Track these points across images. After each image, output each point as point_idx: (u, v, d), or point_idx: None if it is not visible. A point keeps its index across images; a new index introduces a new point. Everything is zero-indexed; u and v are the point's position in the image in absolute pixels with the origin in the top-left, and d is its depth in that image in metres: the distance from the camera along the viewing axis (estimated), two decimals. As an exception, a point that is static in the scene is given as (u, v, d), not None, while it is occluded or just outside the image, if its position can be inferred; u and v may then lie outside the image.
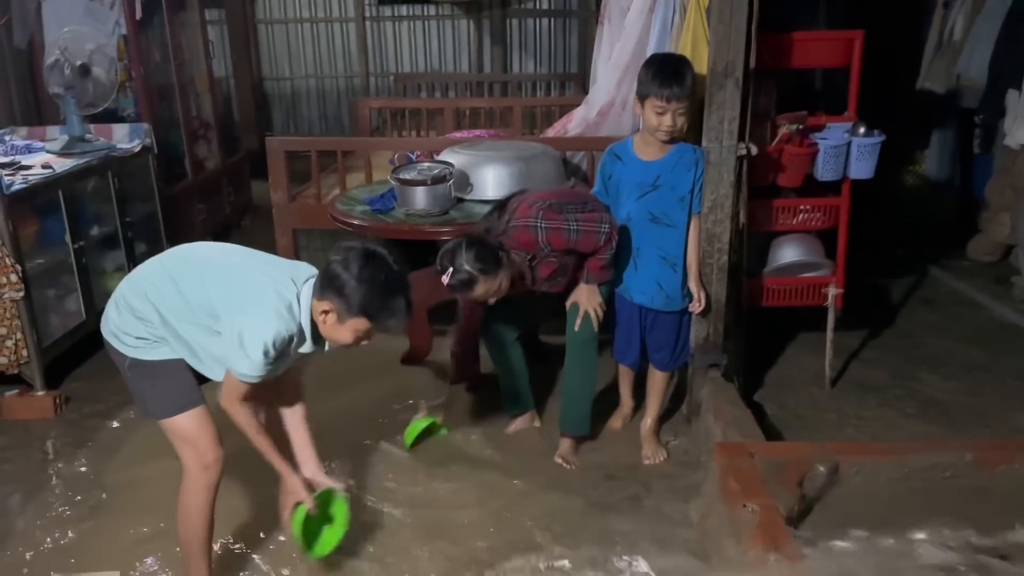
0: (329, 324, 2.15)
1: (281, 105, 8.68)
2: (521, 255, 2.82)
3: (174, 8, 5.47)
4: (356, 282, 2.09)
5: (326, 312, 2.14)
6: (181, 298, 2.18)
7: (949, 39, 5.45)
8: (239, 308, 2.12)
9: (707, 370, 3.21)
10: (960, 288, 4.78)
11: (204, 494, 2.26)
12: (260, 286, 2.15)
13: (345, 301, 2.10)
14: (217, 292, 2.16)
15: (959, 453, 2.55)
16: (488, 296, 2.76)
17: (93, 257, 4.05)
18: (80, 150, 4.12)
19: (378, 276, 2.11)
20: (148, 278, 2.26)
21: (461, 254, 2.66)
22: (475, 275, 2.66)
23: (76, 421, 3.49)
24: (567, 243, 2.79)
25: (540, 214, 2.77)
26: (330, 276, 2.12)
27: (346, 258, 2.12)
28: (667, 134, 2.84)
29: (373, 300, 2.10)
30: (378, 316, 2.13)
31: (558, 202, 2.83)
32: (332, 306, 2.12)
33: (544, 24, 8.25)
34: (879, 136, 3.31)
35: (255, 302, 2.12)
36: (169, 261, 2.28)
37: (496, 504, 2.83)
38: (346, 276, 2.09)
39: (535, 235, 2.77)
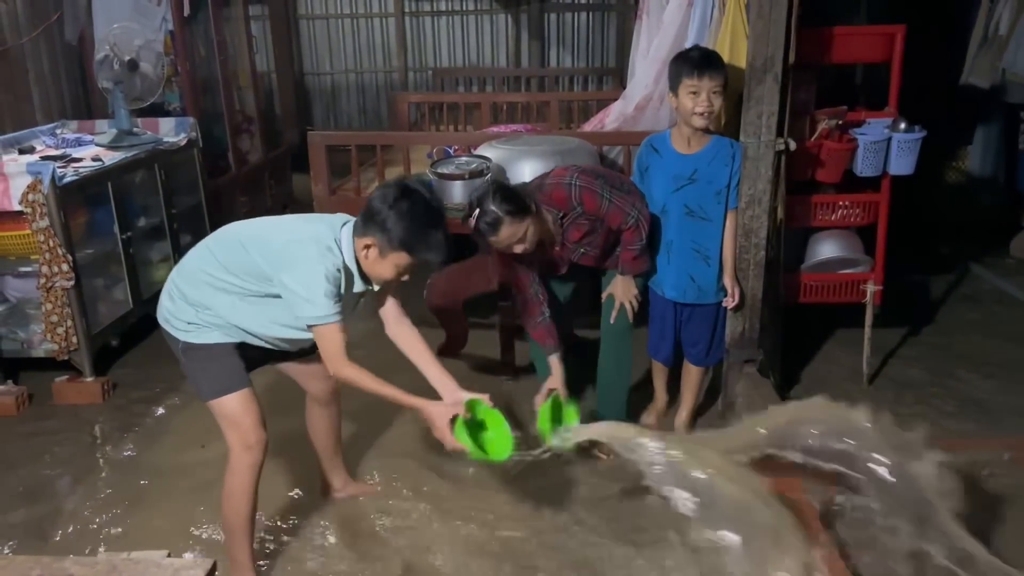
0: (371, 259, 2.24)
1: (321, 99, 8.79)
2: (553, 212, 2.83)
3: (219, 4, 5.57)
4: (396, 216, 2.17)
5: (368, 247, 2.22)
6: (231, 275, 2.27)
7: (995, 33, 5.34)
8: (283, 263, 2.20)
9: (742, 366, 3.21)
10: (1002, 286, 4.70)
11: (248, 474, 2.33)
12: (296, 237, 2.24)
13: (386, 235, 2.18)
14: (260, 255, 2.24)
15: (997, 451, 2.53)
16: (513, 242, 2.69)
17: (140, 247, 4.17)
18: (128, 143, 4.23)
19: (417, 210, 2.19)
20: (194, 261, 2.35)
21: (489, 196, 2.65)
22: (501, 216, 2.62)
23: (123, 407, 3.60)
24: (598, 207, 2.80)
25: (576, 174, 2.81)
26: (370, 212, 2.21)
27: (385, 194, 2.20)
28: (703, 117, 2.82)
29: (412, 233, 2.18)
30: (417, 249, 2.21)
31: (595, 171, 2.87)
32: (374, 240, 2.20)
33: (582, 18, 8.24)
34: (920, 132, 3.28)
35: (296, 252, 2.20)
36: (212, 242, 2.37)
37: (528, 494, 2.87)
38: (386, 211, 2.18)
39: (568, 191, 2.79)
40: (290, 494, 2.90)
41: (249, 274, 2.25)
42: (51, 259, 3.46)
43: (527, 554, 2.58)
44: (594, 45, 8.31)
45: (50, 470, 3.14)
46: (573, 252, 2.95)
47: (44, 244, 3.45)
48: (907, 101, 3.42)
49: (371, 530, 2.71)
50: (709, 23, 3.52)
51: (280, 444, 2.89)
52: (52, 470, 3.14)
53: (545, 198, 2.81)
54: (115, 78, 4.22)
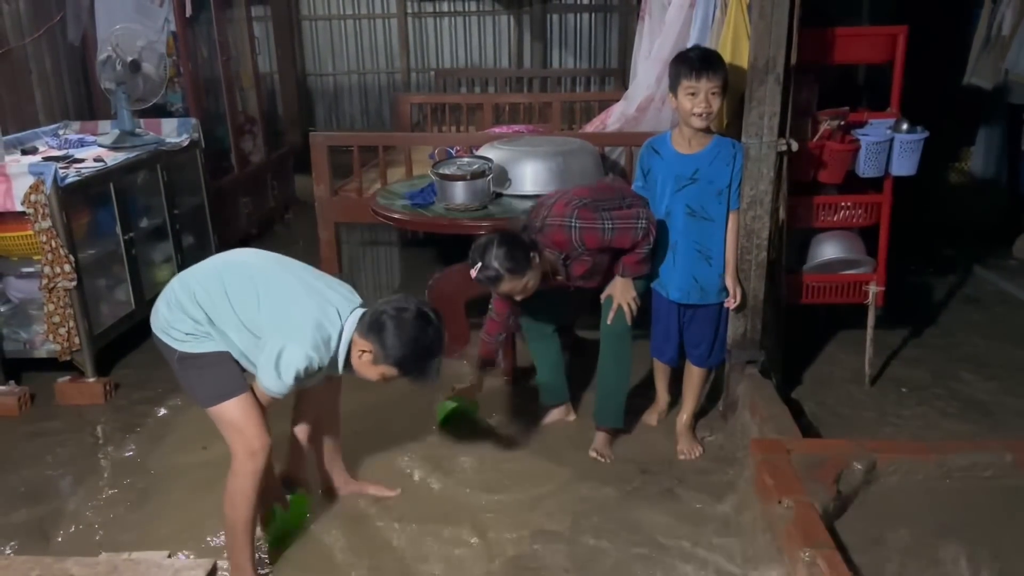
0: (363, 361, 2.31)
1: (324, 100, 8.81)
2: (555, 253, 2.85)
3: (221, 5, 5.58)
4: (401, 340, 2.24)
5: (364, 351, 2.29)
6: (230, 308, 2.29)
7: (998, 34, 5.33)
8: (283, 332, 2.24)
9: (744, 366, 3.20)
10: (1005, 287, 4.69)
11: (251, 479, 2.32)
12: (306, 315, 2.27)
13: (384, 351, 2.26)
14: (267, 312, 2.28)
15: (999, 453, 2.52)
16: (515, 293, 2.80)
17: (142, 248, 4.17)
18: (130, 144, 4.23)
19: (423, 340, 2.27)
20: (201, 282, 2.35)
21: (492, 250, 2.70)
22: (502, 273, 2.70)
23: (125, 407, 3.60)
24: (601, 242, 2.81)
25: (575, 213, 2.78)
26: (379, 324, 2.26)
27: (399, 314, 2.26)
28: (702, 118, 2.82)
29: (411, 359, 2.27)
30: (410, 372, 2.30)
31: (594, 200, 2.84)
32: (371, 348, 2.27)
33: (585, 19, 8.25)
34: (922, 133, 3.27)
35: (299, 330, 2.24)
36: (224, 268, 2.38)
37: (529, 495, 2.87)
38: (394, 331, 2.24)
39: (569, 235, 2.79)
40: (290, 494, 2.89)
41: (247, 319, 2.29)
42: (53, 260, 3.47)
43: (528, 554, 2.58)
44: (596, 46, 8.32)
45: (52, 470, 3.14)
46: (577, 281, 2.98)
47: (46, 245, 3.45)
48: (909, 102, 3.41)
49: (372, 529, 2.71)
50: (711, 24, 3.52)
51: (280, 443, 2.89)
52: (54, 470, 3.14)
53: (547, 240, 2.82)
54: (117, 79, 4.23)
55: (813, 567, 2.06)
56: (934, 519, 2.42)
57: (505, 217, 3.39)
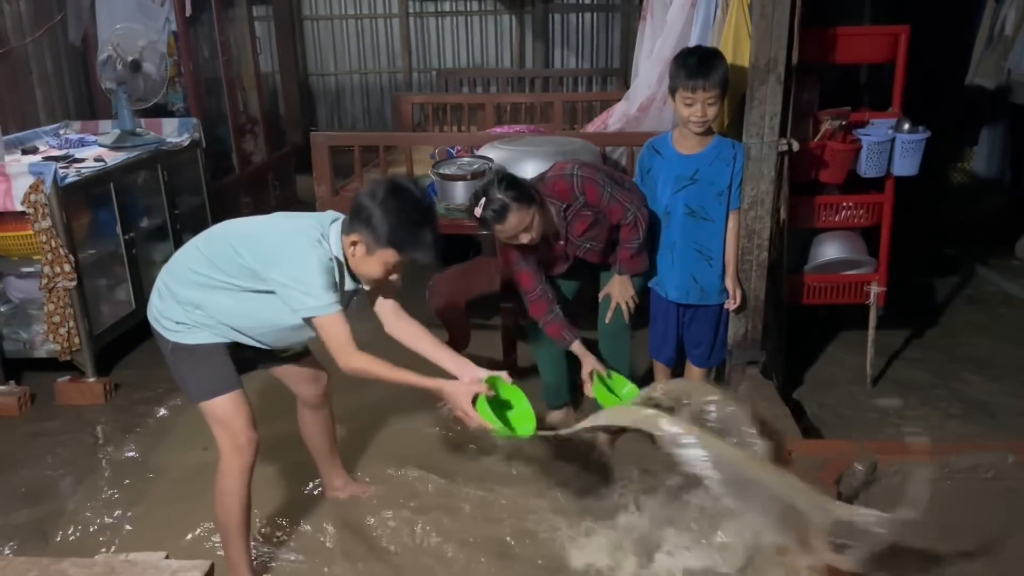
0: (359, 256, 2.22)
1: (325, 100, 8.80)
2: (556, 204, 2.84)
3: (222, 5, 5.57)
4: (383, 212, 2.14)
5: (355, 244, 2.20)
6: (222, 272, 2.25)
7: (1000, 34, 5.32)
8: (274, 259, 2.18)
9: (745, 367, 3.20)
10: (1008, 288, 4.68)
11: (239, 477, 2.31)
12: (284, 233, 2.23)
13: (372, 232, 2.16)
14: (248, 253, 2.22)
15: (1001, 454, 2.51)
16: (520, 230, 2.69)
17: (143, 248, 4.17)
18: (131, 144, 4.23)
19: (404, 206, 2.16)
20: (182, 261, 2.34)
21: (494, 185, 2.66)
22: (508, 203, 2.63)
23: (125, 407, 3.60)
24: (600, 198, 2.80)
25: (577, 166, 2.83)
26: (358, 208, 2.18)
27: (373, 191, 2.18)
28: (698, 125, 2.83)
29: (400, 230, 2.15)
30: (405, 246, 2.18)
31: (596, 165, 2.89)
32: (360, 237, 2.18)
33: (587, 19, 8.24)
34: (924, 132, 3.26)
35: (285, 246, 2.19)
36: (201, 243, 2.36)
37: (528, 495, 2.86)
38: (373, 207, 2.15)
39: (570, 182, 2.80)
40: (289, 495, 2.89)
41: (239, 272, 2.23)
42: (53, 260, 3.47)
43: (528, 554, 2.57)
44: (598, 46, 8.31)
45: (52, 471, 3.14)
46: (578, 247, 2.94)
47: (46, 245, 3.45)
48: (912, 102, 3.41)
49: (371, 530, 2.70)
50: (712, 23, 3.50)
51: (278, 445, 2.88)
52: (54, 471, 3.14)
53: (548, 190, 2.82)
54: (118, 79, 4.23)
55: (814, 569, 2.05)
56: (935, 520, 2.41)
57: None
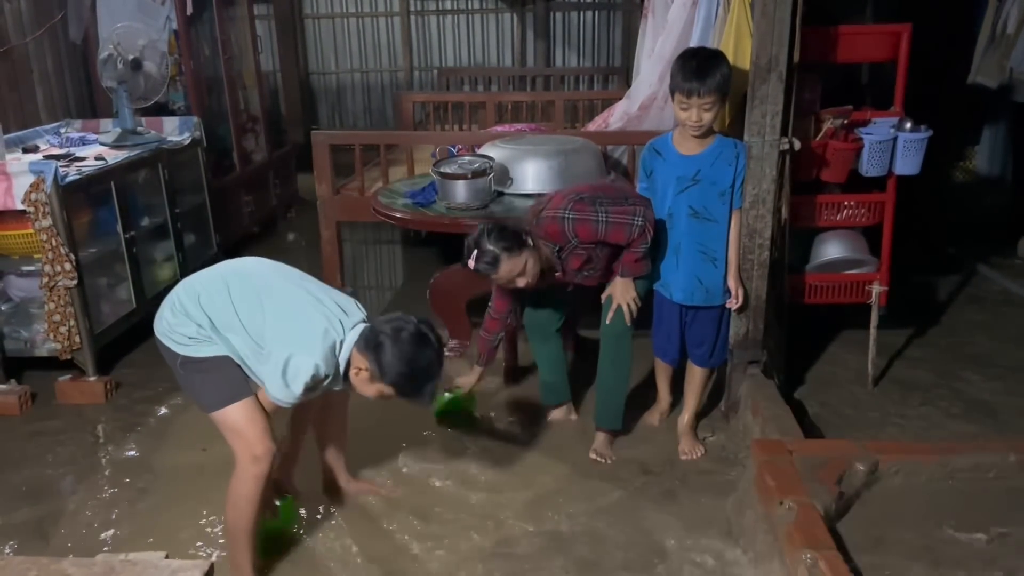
0: (360, 379, 2.29)
1: (327, 99, 8.80)
2: (549, 246, 2.84)
3: (223, 3, 5.57)
4: (399, 361, 2.21)
5: (361, 368, 2.26)
6: (235, 315, 2.27)
7: (1002, 32, 5.30)
8: (290, 341, 2.22)
9: (746, 366, 3.19)
10: (1010, 287, 4.67)
11: (253, 484, 2.31)
12: (313, 324, 2.25)
13: (382, 370, 2.23)
14: (272, 320, 2.26)
15: (1003, 454, 2.50)
16: (514, 277, 2.76)
17: (143, 247, 4.17)
18: (132, 142, 4.23)
19: (420, 362, 2.23)
20: (205, 287, 2.34)
21: (484, 236, 2.72)
22: (499, 254, 2.69)
23: (126, 406, 3.59)
24: (595, 235, 2.80)
25: (570, 205, 2.79)
26: (377, 343, 2.23)
27: (397, 333, 2.23)
28: (694, 128, 2.83)
29: (407, 381, 2.24)
30: (406, 393, 2.27)
31: (592, 195, 2.84)
32: (368, 366, 2.24)
33: (588, 17, 8.23)
34: (926, 131, 3.25)
35: (306, 339, 2.22)
36: (230, 276, 2.36)
37: (529, 495, 2.86)
38: (392, 351, 2.21)
39: (561, 226, 2.79)
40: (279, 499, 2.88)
41: (251, 327, 2.27)
42: (54, 258, 3.46)
43: (528, 555, 2.57)
44: (600, 44, 8.30)
45: (52, 470, 3.13)
46: (575, 276, 2.96)
47: (47, 243, 3.45)
48: (913, 100, 3.40)
49: (374, 529, 2.70)
50: (714, 22, 3.50)
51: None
52: (54, 470, 3.14)
53: (541, 232, 2.83)
54: (119, 77, 4.22)
55: (814, 568, 2.04)
56: (937, 521, 2.41)
57: (507, 216, 3.37)
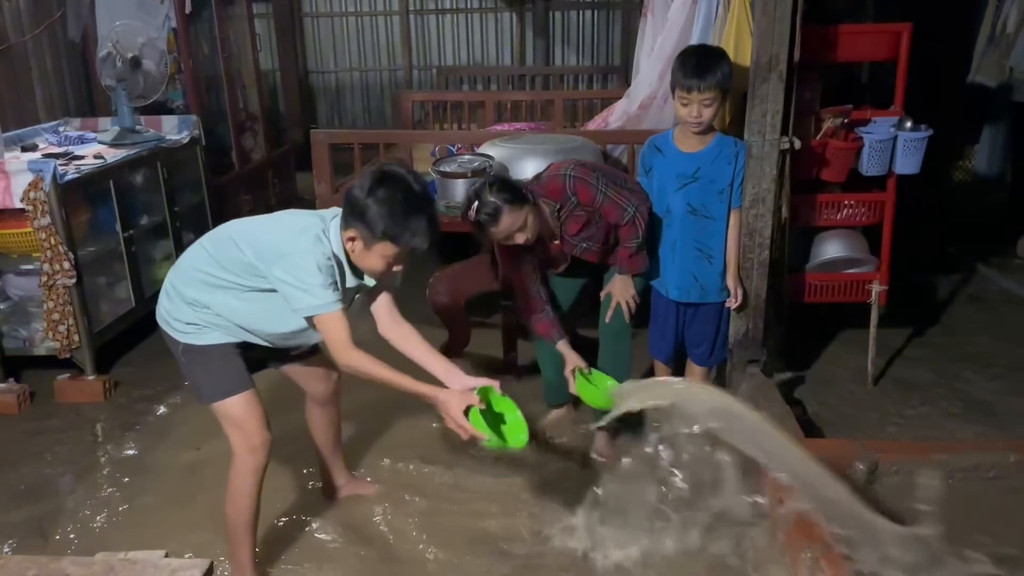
0: (358, 252, 2.18)
1: (326, 98, 8.79)
2: (550, 204, 2.83)
3: (222, 2, 5.55)
4: (375, 205, 2.09)
5: (352, 239, 2.16)
6: (226, 271, 2.24)
7: (1002, 32, 5.30)
8: (275, 256, 2.16)
9: (746, 366, 3.19)
10: (1009, 286, 4.67)
11: (251, 477, 2.31)
12: (286, 230, 2.20)
13: (367, 226, 2.11)
14: (252, 251, 2.21)
15: (1002, 453, 2.51)
16: (514, 231, 2.69)
17: (142, 245, 4.16)
18: (131, 141, 4.22)
19: (396, 196, 2.11)
20: (193, 261, 2.33)
21: (486, 188, 2.67)
22: (500, 205, 2.63)
23: (125, 405, 3.59)
24: (593, 199, 2.78)
25: (571, 167, 2.81)
26: (350, 202, 2.15)
27: (363, 183, 2.13)
28: (694, 125, 2.83)
29: (394, 221, 2.10)
30: (401, 237, 2.12)
31: (594, 166, 2.87)
32: (356, 233, 2.14)
33: (587, 16, 8.23)
34: (926, 131, 3.25)
35: (286, 244, 2.16)
36: (207, 242, 2.35)
37: (528, 496, 2.86)
38: (364, 200, 2.11)
39: (562, 183, 2.79)
40: (291, 493, 2.89)
41: (244, 270, 2.22)
42: (53, 257, 3.46)
43: (528, 554, 2.57)
44: (599, 43, 8.30)
45: (51, 469, 3.13)
46: (574, 247, 2.93)
47: (46, 242, 3.44)
48: (913, 100, 3.39)
49: (373, 529, 2.70)
50: (714, 21, 3.50)
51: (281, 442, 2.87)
52: (53, 469, 3.13)
53: (541, 190, 2.82)
54: (118, 76, 4.21)
55: (815, 567, 2.05)
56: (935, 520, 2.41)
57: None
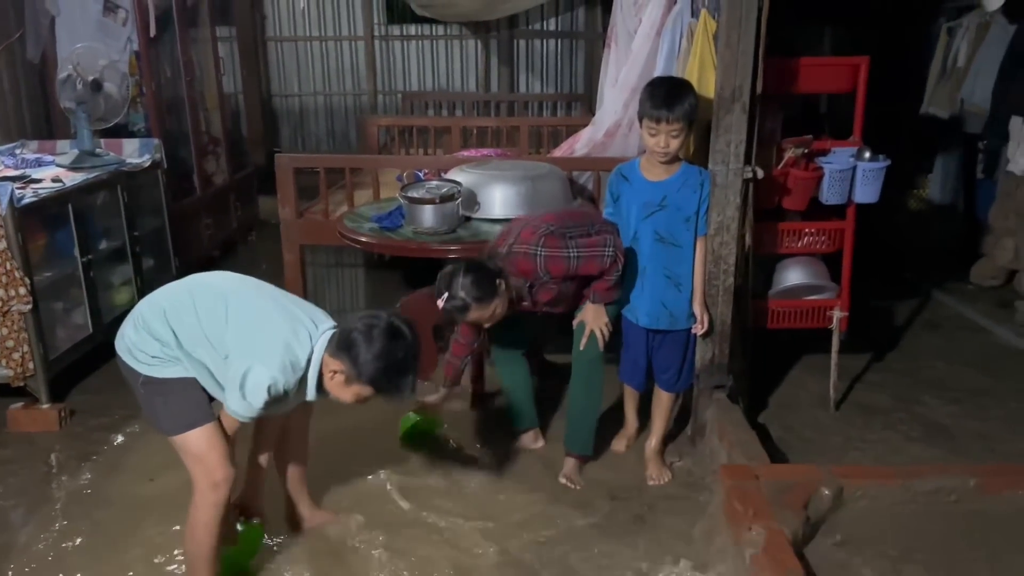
0: (335, 383, 2.23)
1: (289, 121, 8.73)
2: (520, 281, 2.84)
3: (186, 25, 5.52)
4: (373, 356, 2.16)
5: (335, 372, 2.21)
6: (199, 327, 2.23)
7: (953, 65, 5.49)
8: (250, 352, 2.17)
9: (712, 391, 3.21)
10: (964, 312, 4.79)
11: (213, 511, 2.26)
12: (276, 335, 2.21)
13: (356, 369, 2.18)
14: (234, 331, 2.21)
15: (963, 478, 2.54)
16: (482, 322, 2.80)
17: (101, 271, 4.08)
18: (90, 164, 4.15)
19: (396, 354, 2.18)
20: (170, 300, 2.30)
21: (458, 280, 2.69)
22: (468, 302, 2.69)
23: (81, 435, 3.49)
24: (566, 271, 2.81)
25: (541, 241, 2.78)
26: (349, 341, 2.19)
27: (370, 330, 2.18)
28: (661, 155, 2.86)
29: (385, 376, 2.19)
30: (385, 390, 2.22)
31: (561, 227, 2.84)
32: (343, 368, 2.19)
33: (551, 45, 8.31)
34: (884, 161, 3.33)
35: (266, 350, 2.17)
36: (195, 287, 2.32)
37: (498, 522, 2.83)
38: (365, 347, 2.17)
39: (534, 263, 2.79)
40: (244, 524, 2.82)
41: (215, 338, 2.22)
42: (8, 282, 3.37)
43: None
44: (562, 71, 8.38)
45: (3, 501, 3.02)
46: (544, 308, 2.97)
47: (1, 267, 3.35)
48: (869, 130, 3.48)
49: (337, 560, 2.65)
50: (677, 52, 3.56)
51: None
52: (5, 501, 3.03)
53: (512, 268, 2.81)
54: (78, 98, 4.15)
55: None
56: (901, 544, 2.44)
57: (474, 240, 3.37)
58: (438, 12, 7.44)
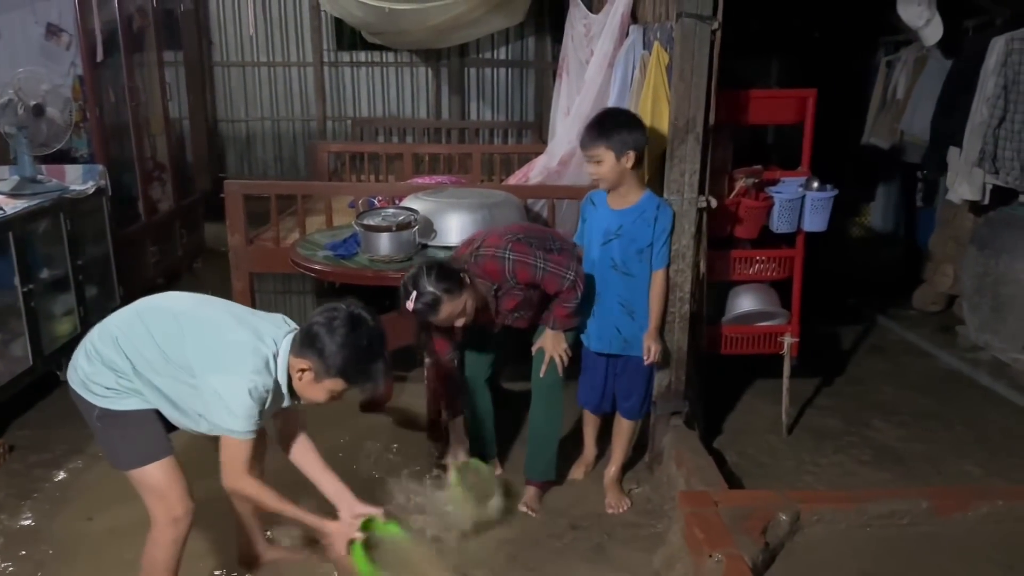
0: (305, 382, 2.17)
1: (236, 146, 8.61)
2: (486, 284, 2.83)
3: (132, 50, 5.42)
4: (338, 346, 2.10)
5: (303, 370, 2.15)
6: (157, 350, 2.15)
7: (893, 97, 5.68)
8: (215, 366, 2.11)
9: (669, 418, 3.23)
10: (908, 337, 4.92)
11: (171, 548, 2.20)
12: (238, 344, 2.15)
13: (324, 362, 2.12)
14: (194, 348, 2.14)
15: (915, 500, 2.60)
16: (453, 319, 2.73)
17: (42, 300, 3.94)
18: (31, 191, 4.03)
19: (361, 341, 2.13)
20: (120, 327, 2.22)
21: (423, 277, 2.66)
22: (439, 295, 2.64)
23: (21, 471, 3.35)
24: (533, 278, 2.81)
25: (509, 245, 2.80)
26: (311, 336, 2.13)
27: (330, 320, 2.13)
28: (596, 181, 2.95)
29: (353, 365, 2.13)
30: (356, 380, 2.16)
31: (527, 236, 2.88)
32: (310, 365, 2.13)
33: (501, 74, 8.37)
34: (832, 191, 3.42)
35: (233, 360, 2.11)
36: (145, 311, 2.25)
37: (456, 550, 2.78)
38: (328, 339, 2.11)
39: (502, 265, 2.79)
40: (206, 561, 2.72)
41: (176, 359, 2.15)
42: (-57, 313, 3.24)
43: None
44: (513, 100, 8.44)
45: (-64, 543, 2.89)
46: (507, 317, 2.96)
47: (-64, 297, 3.23)
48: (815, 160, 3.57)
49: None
50: (630, 84, 3.61)
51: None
52: (-62, 543, 2.89)
53: (479, 270, 2.81)
54: (19, 123, 4.04)
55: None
56: (856, 567, 2.47)
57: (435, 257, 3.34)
58: (389, 40, 7.44)
